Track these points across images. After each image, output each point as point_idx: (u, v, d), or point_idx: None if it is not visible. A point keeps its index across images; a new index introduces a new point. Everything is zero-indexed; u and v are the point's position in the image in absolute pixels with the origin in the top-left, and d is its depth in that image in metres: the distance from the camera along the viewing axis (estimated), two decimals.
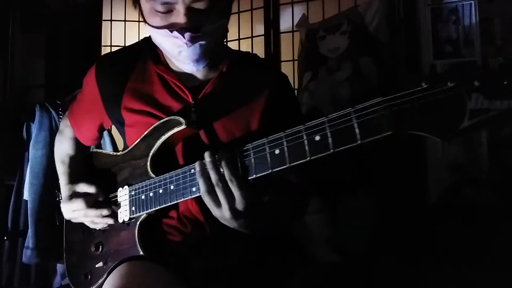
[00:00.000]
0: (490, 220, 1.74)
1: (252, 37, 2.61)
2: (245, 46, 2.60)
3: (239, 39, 2.58)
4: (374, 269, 1.73)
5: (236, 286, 1.00)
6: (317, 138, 0.76)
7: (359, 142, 0.71)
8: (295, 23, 2.50)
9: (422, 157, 2.05)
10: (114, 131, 1.98)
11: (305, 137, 0.77)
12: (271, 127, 0.95)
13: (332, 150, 0.74)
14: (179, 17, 0.92)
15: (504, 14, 1.95)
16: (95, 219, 1.08)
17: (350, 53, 2.14)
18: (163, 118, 1.00)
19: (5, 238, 1.95)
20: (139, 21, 2.69)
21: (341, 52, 2.18)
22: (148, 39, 1.09)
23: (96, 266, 1.07)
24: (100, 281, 1.06)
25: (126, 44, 2.64)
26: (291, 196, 1.04)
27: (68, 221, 1.18)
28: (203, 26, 0.94)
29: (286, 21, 2.59)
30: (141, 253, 0.98)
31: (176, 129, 0.96)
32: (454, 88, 0.64)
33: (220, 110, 1.03)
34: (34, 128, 1.94)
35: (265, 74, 1.12)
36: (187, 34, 0.92)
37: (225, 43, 1.25)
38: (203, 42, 0.95)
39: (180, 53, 0.97)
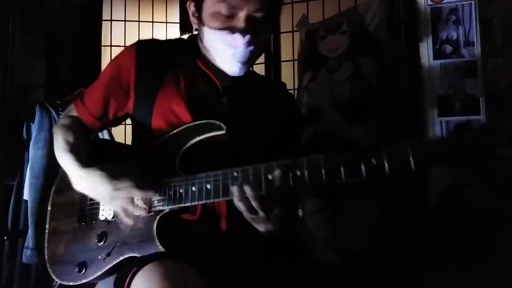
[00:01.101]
0: (490, 220, 1.74)
1: None
2: None
3: None
4: (374, 269, 1.73)
5: (237, 286, 1.00)
6: (374, 161, 0.84)
7: (413, 171, 0.83)
8: (295, 23, 2.50)
9: None
10: (114, 130, 1.99)
11: (363, 161, 0.84)
12: (285, 138, 1.13)
13: (388, 173, 0.84)
14: (239, 22, 1.02)
15: (504, 14, 1.95)
16: (130, 207, 0.99)
17: (350, 53, 2.14)
18: (198, 112, 1.05)
19: (5, 238, 1.95)
20: (139, 21, 2.69)
21: (341, 52, 2.17)
22: (190, 38, 1.18)
23: (99, 257, 1.05)
24: (99, 273, 1.04)
25: (126, 44, 2.64)
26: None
27: (54, 208, 1.15)
28: (257, 33, 1.03)
29: (286, 21, 2.59)
30: (160, 247, 0.97)
31: (213, 133, 1.01)
32: (491, 142, 0.81)
33: (248, 110, 1.12)
34: (34, 128, 1.94)
35: (279, 91, 1.28)
36: (247, 36, 1.01)
37: None
38: (254, 48, 1.04)
39: (233, 54, 1.05)
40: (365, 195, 1.99)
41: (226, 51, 1.05)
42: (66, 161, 1.09)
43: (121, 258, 1.02)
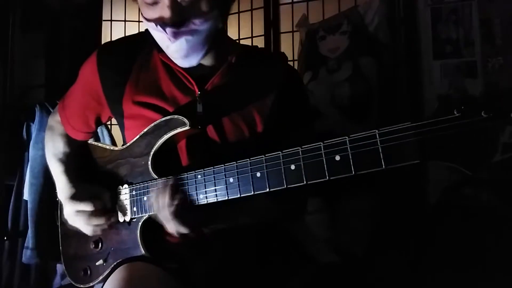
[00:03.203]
0: (490, 220, 1.74)
1: (252, 37, 2.61)
2: None
3: (239, 39, 2.58)
4: (373, 270, 1.73)
5: (236, 287, 1.00)
6: (337, 158, 0.72)
7: (383, 167, 0.68)
8: (295, 23, 2.50)
9: None
10: (114, 130, 1.99)
11: (324, 156, 0.73)
12: (279, 123, 0.98)
13: (353, 173, 0.70)
14: (164, 10, 0.88)
15: (504, 14, 1.95)
16: (94, 226, 1.06)
17: (350, 53, 2.14)
18: (167, 112, 0.97)
19: (5, 238, 1.95)
20: (139, 21, 2.69)
21: (341, 52, 2.17)
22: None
23: (97, 264, 1.06)
24: (101, 277, 1.05)
25: None
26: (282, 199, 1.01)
27: (61, 215, 1.16)
28: (189, 21, 0.89)
29: (286, 21, 2.59)
30: (144, 253, 0.98)
31: (179, 130, 0.94)
32: (488, 120, 0.59)
33: (228, 103, 0.99)
34: (34, 128, 1.94)
35: (274, 68, 1.06)
36: (168, 29, 0.88)
37: None
38: (189, 38, 0.90)
39: (167, 48, 0.94)
40: (365, 195, 1.99)
41: (161, 44, 0.95)
42: (55, 169, 1.14)
43: (115, 263, 1.03)
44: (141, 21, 2.99)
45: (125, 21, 2.68)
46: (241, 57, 1.02)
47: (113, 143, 1.98)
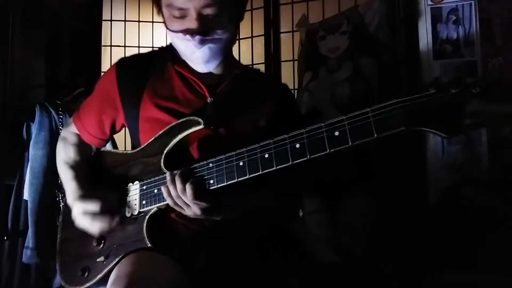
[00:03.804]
0: (490, 220, 1.74)
1: (252, 37, 2.61)
2: (245, 46, 2.60)
3: (239, 39, 2.58)
4: (373, 269, 1.73)
5: (236, 283, 1.01)
6: (337, 133, 0.85)
7: (374, 136, 0.82)
8: (295, 23, 2.50)
9: (422, 157, 2.05)
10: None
11: (325, 133, 0.86)
12: (279, 125, 1.06)
13: (350, 143, 0.84)
14: (192, 22, 1.03)
15: (504, 14, 1.95)
16: (99, 226, 1.09)
17: (350, 53, 2.14)
18: (181, 115, 1.06)
19: (5, 238, 1.96)
20: (139, 21, 2.69)
21: (341, 52, 2.17)
22: (166, 46, 1.20)
23: (97, 260, 1.07)
24: (99, 276, 1.07)
25: (126, 44, 2.64)
26: (283, 193, 1.09)
27: (65, 218, 1.19)
28: (213, 31, 1.05)
29: (286, 21, 2.59)
30: (149, 245, 1.01)
31: (193, 129, 1.01)
32: (456, 94, 0.78)
33: (234, 108, 1.12)
34: (34, 128, 1.94)
35: (270, 82, 1.28)
36: (197, 37, 1.04)
37: None
38: (212, 45, 1.06)
39: (193, 54, 1.07)
40: (365, 195, 1.99)
41: (186, 53, 1.10)
42: (66, 175, 1.20)
43: (117, 259, 1.03)
44: (141, 21, 2.94)
45: (125, 21, 2.68)
46: (243, 70, 1.18)
47: (114, 143, 1.98)
